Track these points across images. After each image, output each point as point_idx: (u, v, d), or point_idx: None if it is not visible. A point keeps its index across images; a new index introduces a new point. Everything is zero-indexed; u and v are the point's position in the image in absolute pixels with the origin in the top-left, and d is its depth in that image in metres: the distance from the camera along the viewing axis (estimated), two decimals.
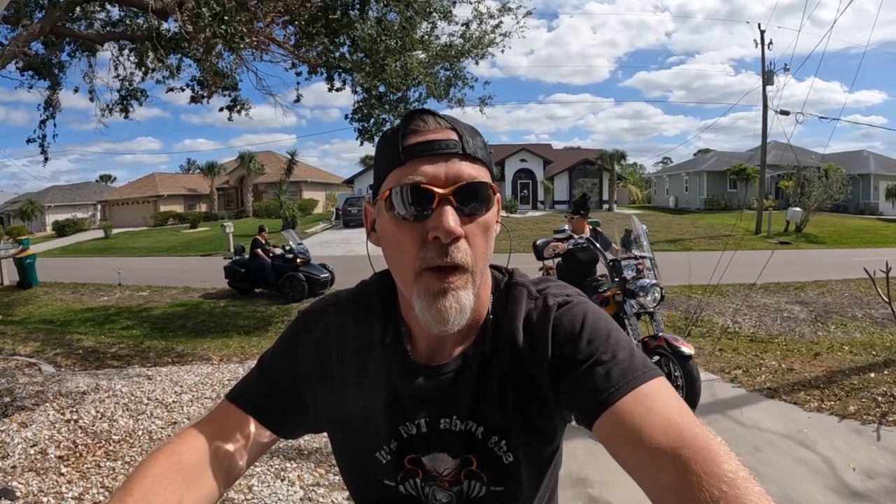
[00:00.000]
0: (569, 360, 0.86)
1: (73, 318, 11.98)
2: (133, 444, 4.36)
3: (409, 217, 0.82)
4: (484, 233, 0.85)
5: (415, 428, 0.94)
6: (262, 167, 44.36)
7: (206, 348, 7.77)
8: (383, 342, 0.95)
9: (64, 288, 16.15)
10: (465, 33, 9.04)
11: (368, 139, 8.72)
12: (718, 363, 6.20)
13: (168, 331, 10.42)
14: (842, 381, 5.47)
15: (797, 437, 4.19)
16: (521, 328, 0.91)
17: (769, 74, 25.56)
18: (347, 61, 7.64)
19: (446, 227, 0.79)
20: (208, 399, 5.21)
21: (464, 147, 0.83)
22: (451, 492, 0.96)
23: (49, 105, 9.70)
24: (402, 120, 0.88)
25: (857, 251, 19.98)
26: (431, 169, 0.81)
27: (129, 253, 27.99)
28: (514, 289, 0.96)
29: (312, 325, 1.00)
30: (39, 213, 46.05)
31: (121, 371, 6.39)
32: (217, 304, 12.50)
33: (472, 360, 0.93)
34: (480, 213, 0.84)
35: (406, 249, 0.83)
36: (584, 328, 0.87)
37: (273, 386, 0.98)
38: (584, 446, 3.91)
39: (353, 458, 1.00)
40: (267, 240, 13.52)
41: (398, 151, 0.84)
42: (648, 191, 55.28)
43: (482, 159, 0.86)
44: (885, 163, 37.57)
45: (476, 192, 0.83)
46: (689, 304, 10.62)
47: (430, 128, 0.84)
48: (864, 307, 10.55)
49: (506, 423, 0.91)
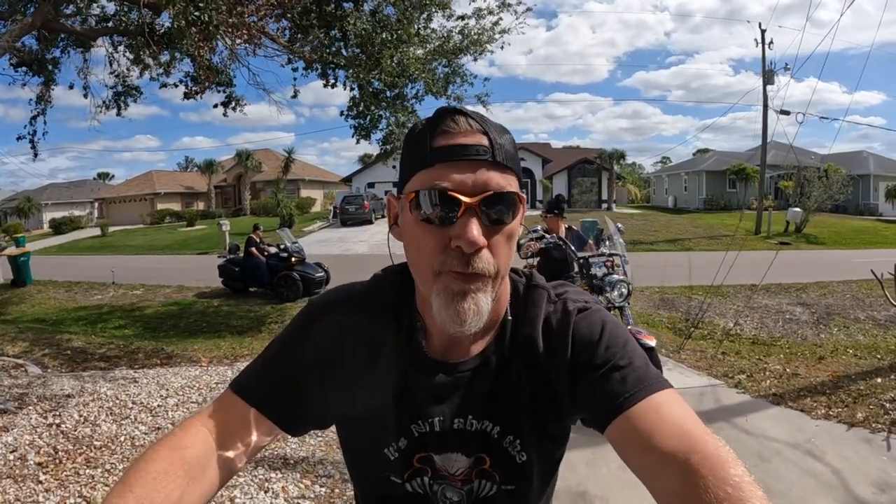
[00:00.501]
0: (587, 364, 0.87)
1: (65, 317, 11.79)
2: (114, 451, 4.21)
3: (434, 220, 0.81)
4: (507, 240, 0.85)
5: (428, 426, 0.94)
6: (260, 165, 44.15)
7: (197, 349, 7.59)
8: (397, 336, 0.94)
9: (58, 286, 15.93)
10: (463, 29, 8.90)
11: (364, 136, 8.57)
12: (721, 367, 6.04)
13: (160, 330, 10.24)
14: (848, 387, 5.33)
15: (805, 446, 4.04)
16: (540, 331, 0.92)
17: (769, 74, 25.43)
18: (342, 57, 7.47)
19: (470, 238, 0.79)
20: (194, 403, 5.05)
21: (494, 154, 0.82)
22: (461, 491, 0.96)
23: (40, 101, 9.58)
24: (433, 117, 0.86)
25: (858, 252, 19.91)
26: (459, 176, 0.80)
27: (125, 251, 27.75)
28: (533, 291, 0.96)
29: (324, 317, 0.98)
30: (36, 211, 45.82)
31: (107, 373, 6.23)
32: (210, 304, 12.31)
33: (491, 360, 0.93)
34: (506, 222, 0.83)
35: (428, 251, 0.83)
36: (604, 335, 0.89)
37: (278, 378, 0.95)
38: (584, 458, 3.76)
39: (361, 453, 0.99)
40: (262, 238, 13.30)
41: (426, 152, 0.82)
42: (647, 190, 55.15)
43: (511, 167, 0.85)
44: (884, 163, 37.50)
45: (502, 202, 0.82)
46: (690, 306, 10.49)
47: (461, 129, 0.83)
48: (867, 309, 10.44)
49: (521, 423, 0.92)
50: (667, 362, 6.25)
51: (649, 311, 10.13)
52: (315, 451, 4.06)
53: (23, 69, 9.23)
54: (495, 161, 0.81)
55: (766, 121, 25.85)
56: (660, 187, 48.50)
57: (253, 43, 7.53)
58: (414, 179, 0.84)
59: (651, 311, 10.16)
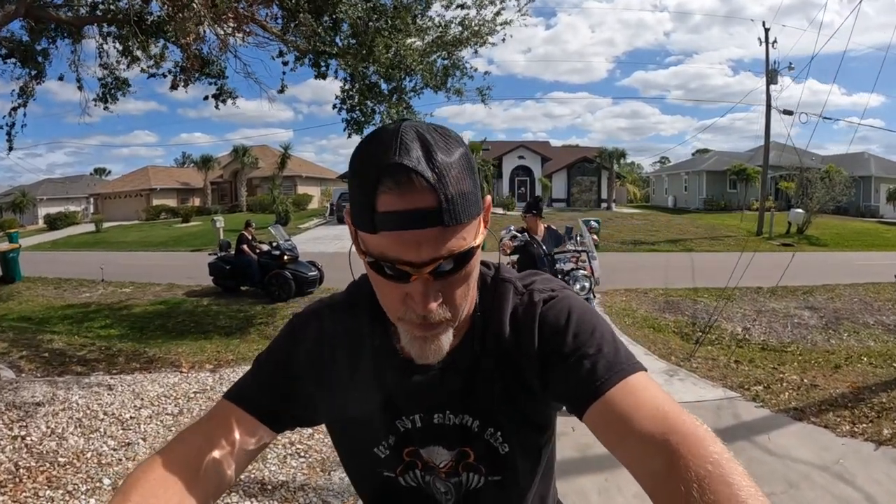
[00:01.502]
0: (555, 353, 0.88)
1: (51, 316, 11.46)
2: (79, 469, 3.86)
3: (387, 280, 0.80)
4: (464, 281, 0.84)
5: (410, 423, 0.97)
6: (257, 161, 43.72)
7: (180, 353, 7.23)
8: (374, 341, 0.96)
9: (47, 283, 15.62)
10: (463, 20, 8.58)
11: (357, 131, 8.21)
12: (737, 378, 5.69)
13: (146, 331, 9.90)
14: (870, 399, 5.02)
15: (834, 469, 3.69)
16: (507, 323, 0.93)
17: (772, 73, 25.14)
18: (335, 46, 7.11)
19: (420, 309, 0.80)
20: (169, 416, 4.69)
21: (443, 217, 0.74)
22: (449, 482, 0.98)
23: (23, 92, 9.29)
24: (376, 172, 0.75)
25: (861, 254, 19.74)
26: (406, 248, 0.76)
27: (119, 247, 27.46)
28: (501, 285, 0.97)
29: (307, 328, 1.00)
30: (32, 206, 45.38)
31: (83, 378, 5.87)
32: (200, 303, 11.92)
33: (461, 358, 0.93)
34: (461, 271, 0.82)
35: (388, 300, 0.83)
36: (570, 322, 0.89)
37: (269, 386, 0.97)
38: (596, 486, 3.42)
39: (353, 453, 1.03)
40: (254, 235, 12.85)
41: (370, 214, 0.76)
42: (647, 190, 54.91)
43: (463, 220, 0.77)
44: (885, 165, 37.36)
45: (455, 261, 0.80)
46: (696, 309, 10.17)
47: (405, 191, 0.73)
48: (875, 313, 10.25)
49: (499, 415, 0.93)
50: (678, 372, 5.95)
51: (654, 315, 9.78)
52: (295, 476, 3.66)
53: (12, 61, 8.98)
54: (449, 220, 0.75)
55: (770, 120, 25.56)
56: (660, 187, 48.26)
57: (241, 30, 7.18)
58: (361, 236, 0.80)
59: (656, 315, 9.82)
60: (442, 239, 0.76)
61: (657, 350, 6.98)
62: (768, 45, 25.06)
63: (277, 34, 7.72)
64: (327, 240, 24.35)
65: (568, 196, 40.67)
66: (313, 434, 4.25)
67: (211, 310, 11.20)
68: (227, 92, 8.86)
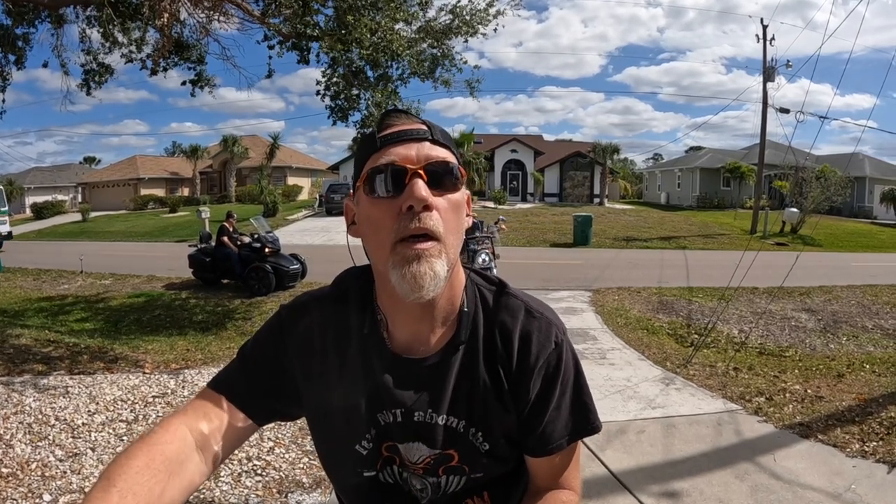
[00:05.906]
0: (540, 393, 0.96)
1: (27, 308, 11.05)
2: (21, 483, 3.49)
3: (385, 194, 0.87)
4: (454, 209, 0.90)
5: (391, 416, 0.97)
6: (246, 151, 43.15)
7: (148, 350, 6.85)
8: (361, 332, 0.98)
9: (27, 274, 15.27)
10: (454, 8, 8.23)
11: (341, 118, 7.85)
12: (736, 387, 5.34)
13: (121, 325, 9.55)
14: (878, 413, 4.70)
15: (847, 497, 3.35)
16: (516, 343, 0.96)
17: (770, 71, 24.87)
18: (317, 28, 6.72)
19: (417, 195, 0.84)
20: (123, 422, 4.30)
21: (433, 134, 0.91)
22: (425, 480, 0.99)
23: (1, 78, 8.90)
24: (379, 118, 0.95)
25: (856, 255, 19.62)
26: (404, 150, 0.88)
27: (103, 237, 27.05)
28: (509, 299, 1.00)
29: (295, 320, 1.02)
30: (19, 195, 44.61)
31: (41, 378, 5.48)
32: (178, 296, 11.51)
33: (451, 359, 0.95)
34: (449, 191, 0.90)
35: (382, 225, 0.87)
36: (564, 368, 0.97)
37: (254, 376, 1.00)
38: None
39: (334, 448, 1.02)
40: (235, 227, 12.40)
41: (375, 141, 0.90)
42: (639, 186, 54.67)
43: (450, 147, 0.93)
44: (880, 166, 37.32)
45: (444, 170, 0.89)
46: (691, 310, 9.87)
47: (403, 121, 0.92)
48: (874, 317, 10.05)
49: (482, 416, 0.96)
50: (674, 380, 5.59)
51: (648, 316, 9.44)
52: (249, 497, 3.28)
53: None
54: (434, 140, 0.90)
55: (766, 118, 25.31)
56: (652, 183, 48.07)
57: (219, 11, 6.78)
58: (366, 167, 0.90)
59: (650, 315, 9.48)
60: (431, 149, 0.90)
61: (651, 355, 6.64)
62: (766, 42, 24.81)
63: (257, 17, 7.35)
64: (315, 231, 23.95)
65: (560, 191, 40.28)
66: (273, 448, 3.89)
67: (188, 303, 10.82)
68: (206, 79, 8.63)
